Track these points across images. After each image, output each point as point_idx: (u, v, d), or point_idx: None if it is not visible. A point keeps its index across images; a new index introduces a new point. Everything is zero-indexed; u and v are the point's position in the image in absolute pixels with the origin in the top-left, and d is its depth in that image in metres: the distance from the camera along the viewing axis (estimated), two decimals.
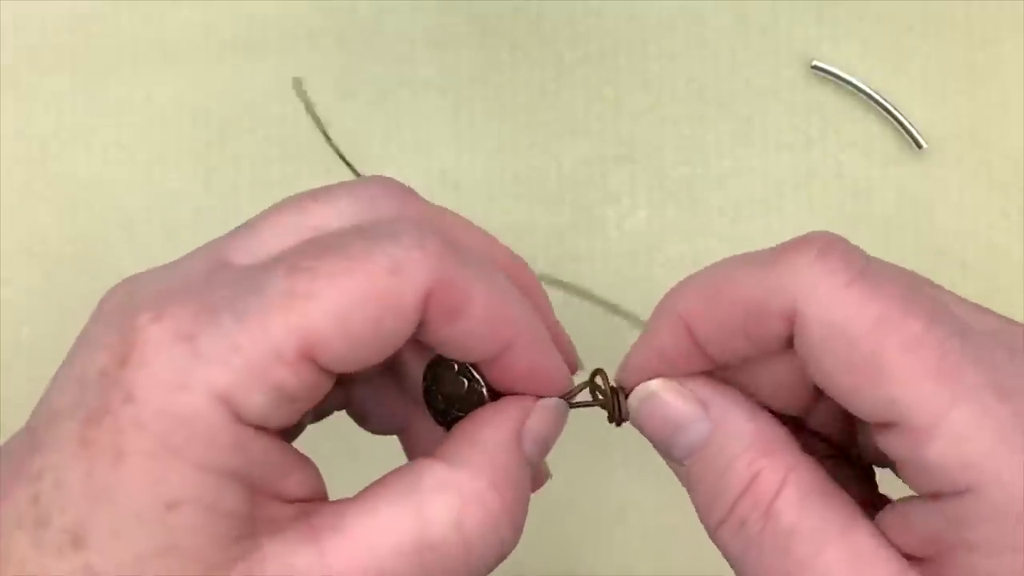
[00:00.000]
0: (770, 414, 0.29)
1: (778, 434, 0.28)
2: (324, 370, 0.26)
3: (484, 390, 0.30)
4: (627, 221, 0.45)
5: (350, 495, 0.28)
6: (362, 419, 0.34)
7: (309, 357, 0.25)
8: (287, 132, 0.46)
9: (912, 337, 0.25)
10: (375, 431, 0.34)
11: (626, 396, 0.30)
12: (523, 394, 0.30)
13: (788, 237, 0.47)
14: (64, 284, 0.46)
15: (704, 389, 0.29)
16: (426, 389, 0.31)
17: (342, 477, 0.29)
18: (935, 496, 0.25)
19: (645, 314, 0.44)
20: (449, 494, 0.27)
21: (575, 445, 0.31)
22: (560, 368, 0.30)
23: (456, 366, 0.30)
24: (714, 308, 0.27)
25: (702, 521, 0.29)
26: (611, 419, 0.30)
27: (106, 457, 0.24)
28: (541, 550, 0.30)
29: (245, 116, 0.46)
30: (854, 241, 0.27)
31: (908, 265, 0.26)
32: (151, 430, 0.24)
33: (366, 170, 0.46)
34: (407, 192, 0.30)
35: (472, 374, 0.30)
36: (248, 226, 0.29)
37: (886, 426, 0.25)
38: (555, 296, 0.45)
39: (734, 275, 0.27)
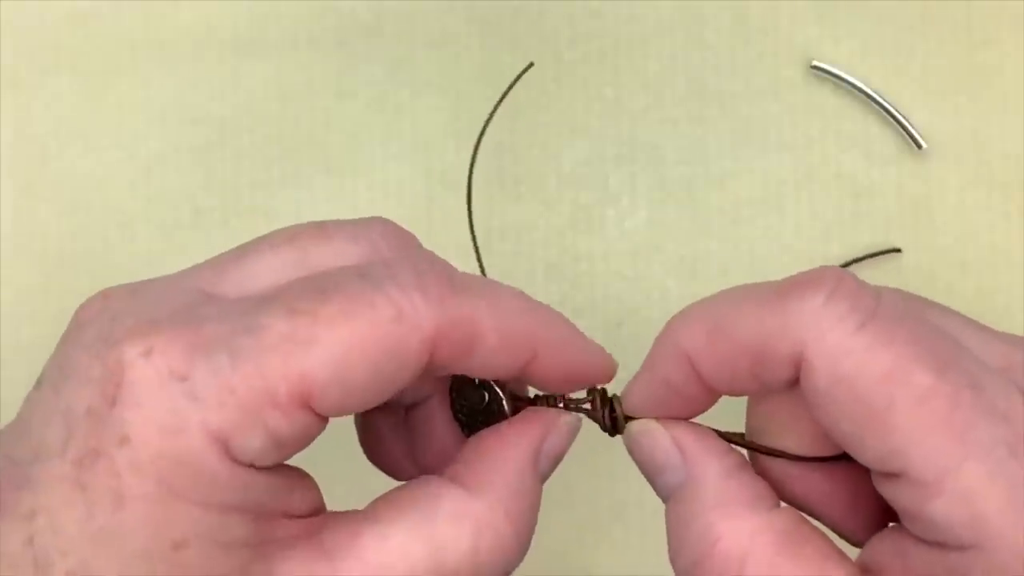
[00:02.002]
0: (751, 469, 0.28)
1: (753, 492, 0.28)
2: (318, 415, 0.26)
3: (504, 403, 0.30)
4: (627, 221, 0.45)
5: (340, 488, 0.27)
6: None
7: (304, 403, 0.25)
8: (287, 132, 0.46)
9: (922, 390, 0.24)
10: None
11: (613, 413, 0.30)
12: (557, 394, 0.30)
13: (788, 237, 0.47)
14: (64, 284, 0.46)
15: (687, 438, 0.29)
16: (452, 400, 0.31)
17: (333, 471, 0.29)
18: (938, 544, 0.25)
19: (644, 314, 0.44)
20: (466, 524, 0.27)
21: (574, 443, 0.31)
22: (599, 357, 0.30)
23: (477, 379, 0.30)
24: (717, 347, 0.27)
25: (670, 559, 0.28)
26: (604, 429, 0.30)
27: (105, 501, 0.24)
28: (540, 549, 0.30)
29: (245, 116, 0.46)
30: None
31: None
32: (150, 473, 0.24)
33: (366, 171, 0.46)
34: (407, 235, 0.29)
35: (491, 387, 0.30)
36: (237, 257, 0.28)
37: (891, 475, 0.25)
38: (553, 296, 0.45)
39: (739, 312, 0.26)
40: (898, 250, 0.44)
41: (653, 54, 0.46)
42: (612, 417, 0.30)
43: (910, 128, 0.45)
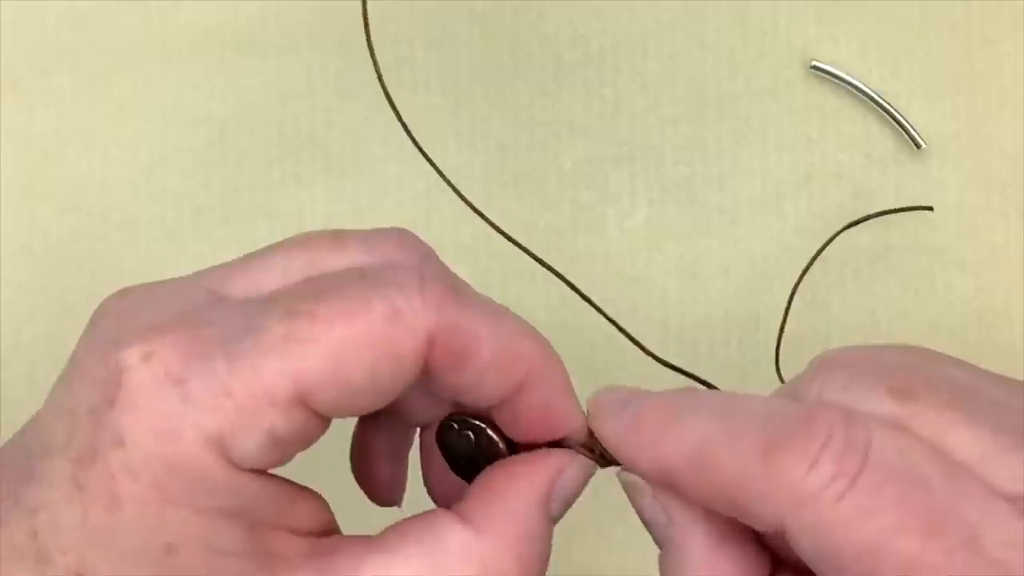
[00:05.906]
0: (739, 537, 0.27)
1: (736, 566, 0.27)
2: (317, 414, 0.25)
3: (492, 433, 0.29)
4: (627, 221, 0.45)
5: (348, 499, 0.27)
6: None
7: (302, 402, 0.25)
8: (287, 132, 0.46)
9: (907, 560, 0.23)
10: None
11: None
12: (538, 441, 0.29)
13: (788, 237, 0.47)
14: (64, 284, 0.46)
15: (675, 508, 0.28)
16: (445, 455, 0.31)
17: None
18: None
19: (644, 313, 0.44)
20: (473, 565, 0.27)
21: None
22: (577, 412, 0.29)
23: (456, 425, 0.30)
24: (699, 483, 0.26)
25: None
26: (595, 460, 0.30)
27: (101, 501, 0.24)
28: None
29: (245, 116, 0.46)
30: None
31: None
32: (143, 476, 0.24)
33: (366, 171, 0.46)
34: (423, 246, 0.29)
35: (474, 424, 0.29)
36: (250, 260, 0.28)
37: None
38: (553, 295, 0.45)
39: (720, 459, 0.25)
40: (930, 208, 0.43)
41: (653, 54, 0.46)
42: (603, 457, 0.29)
43: (910, 128, 0.45)
